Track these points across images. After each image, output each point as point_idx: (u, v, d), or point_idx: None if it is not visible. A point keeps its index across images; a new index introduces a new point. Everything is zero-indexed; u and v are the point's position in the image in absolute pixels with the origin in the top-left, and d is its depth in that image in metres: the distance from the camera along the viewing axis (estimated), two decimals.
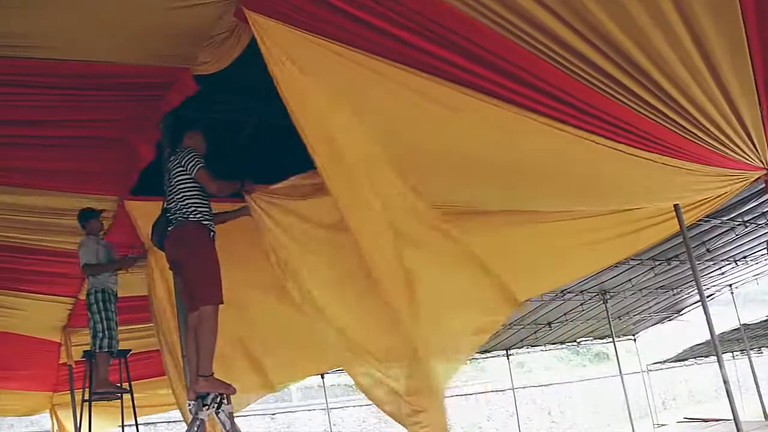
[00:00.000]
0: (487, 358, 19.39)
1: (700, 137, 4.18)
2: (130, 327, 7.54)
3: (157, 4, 3.58)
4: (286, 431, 21.60)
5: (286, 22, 3.34)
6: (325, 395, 16.50)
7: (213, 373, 4.26)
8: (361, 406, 23.66)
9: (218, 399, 4.26)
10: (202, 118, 4.93)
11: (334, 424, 18.92)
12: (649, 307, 17.63)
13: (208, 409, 4.22)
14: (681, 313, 19.03)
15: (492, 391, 25.89)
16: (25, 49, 3.86)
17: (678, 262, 12.82)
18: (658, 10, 3.04)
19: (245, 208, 4.72)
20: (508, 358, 18.39)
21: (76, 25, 3.73)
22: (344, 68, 3.33)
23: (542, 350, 20.00)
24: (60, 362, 9.23)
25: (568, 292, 14.37)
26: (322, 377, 15.34)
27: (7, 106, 4.45)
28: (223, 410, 4.24)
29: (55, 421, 11.03)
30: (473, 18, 3.06)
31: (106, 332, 5.99)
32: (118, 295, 6.29)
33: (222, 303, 4.35)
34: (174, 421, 19.55)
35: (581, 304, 15.32)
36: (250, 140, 5.59)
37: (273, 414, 21.78)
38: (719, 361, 6.42)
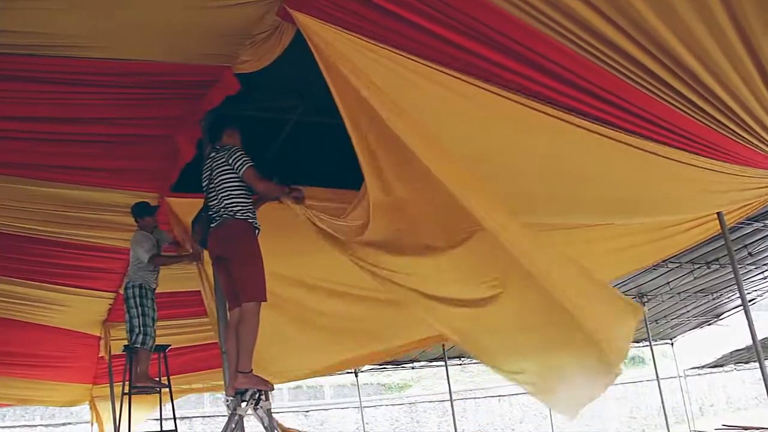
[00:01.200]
0: None
1: (746, 139, 4.12)
2: (170, 323, 7.67)
3: (201, 4, 3.63)
4: (319, 428, 21.69)
5: (329, 21, 3.36)
6: (359, 393, 16.52)
7: (252, 370, 4.29)
8: (394, 405, 23.68)
9: (257, 395, 4.29)
10: (241, 116, 4.98)
11: (366, 423, 18.95)
12: (688, 311, 17.34)
13: (246, 405, 4.25)
14: (720, 317, 18.68)
15: (526, 393, 25.65)
16: (71, 49, 3.94)
17: (718, 266, 12.59)
18: (708, 12, 3.00)
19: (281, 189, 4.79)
20: None
21: (122, 24, 3.79)
22: (384, 68, 3.33)
23: None
24: (99, 356, 9.37)
25: None
26: (356, 375, 15.38)
27: (53, 105, 4.55)
28: (261, 406, 4.26)
29: (94, 412, 11.20)
30: (523, 20, 3.03)
31: (142, 328, 6.00)
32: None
33: (265, 300, 4.38)
34: (209, 416, 19.77)
35: None
36: (289, 138, 5.63)
37: (307, 411, 21.88)
38: (761, 367, 6.30)
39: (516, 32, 3.17)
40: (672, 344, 20.07)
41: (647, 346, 16.13)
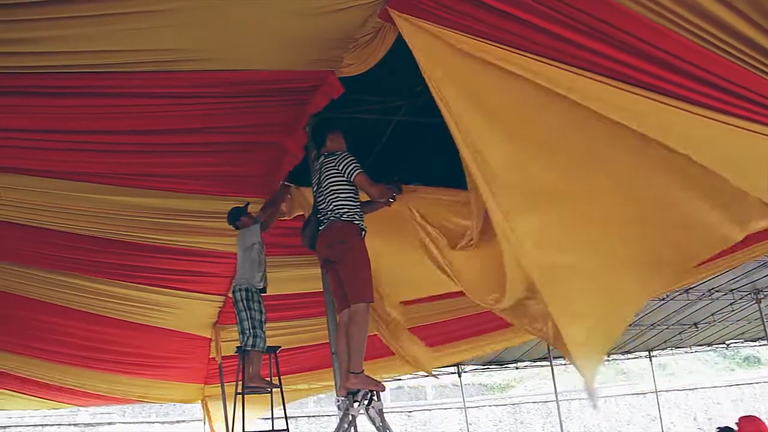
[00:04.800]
0: (629, 359, 18.67)
1: None
2: (279, 324, 7.84)
3: (306, 11, 3.69)
4: (422, 428, 21.73)
5: (434, 21, 3.34)
6: (462, 394, 16.41)
7: (363, 370, 4.34)
8: (497, 405, 23.44)
9: (368, 396, 4.33)
10: (344, 119, 5.04)
11: (469, 423, 18.85)
12: None
13: (358, 406, 4.30)
14: None
15: (633, 394, 24.93)
16: (180, 63, 4.09)
17: None
18: None
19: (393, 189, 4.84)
20: (650, 360, 17.64)
21: (230, 36, 3.91)
22: (495, 68, 3.27)
23: (686, 352, 19.02)
24: (210, 357, 9.66)
25: (717, 291, 13.60)
26: (459, 375, 15.31)
27: (162, 117, 4.75)
28: (373, 406, 4.30)
29: (206, 410, 11.57)
30: (642, 15, 2.91)
31: (251, 330, 6.09)
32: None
33: (372, 301, 4.43)
34: (314, 416, 20.14)
35: (731, 304, 14.43)
36: (391, 139, 5.66)
37: (410, 412, 21.97)
38: None
39: (626, 23, 3.05)
40: None
41: (764, 345, 15.34)
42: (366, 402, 4.32)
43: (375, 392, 4.39)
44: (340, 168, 4.57)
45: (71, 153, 5.06)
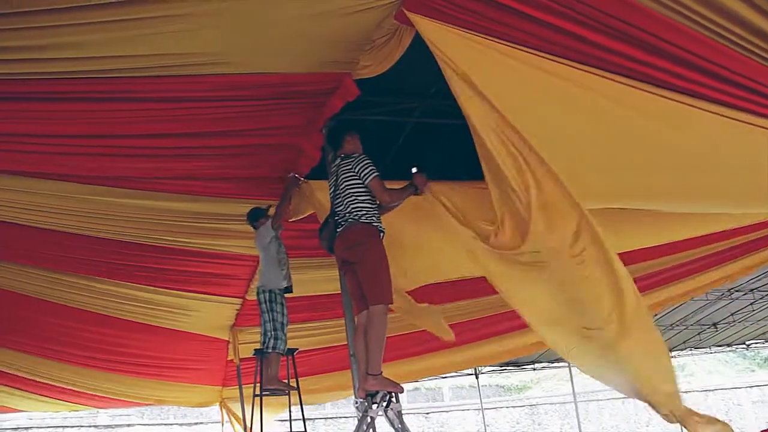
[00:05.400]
0: None
1: None
2: (297, 326, 7.84)
3: (322, 14, 3.69)
4: (439, 430, 21.69)
5: (449, 22, 3.33)
6: (480, 395, 16.38)
7: (382, 372, 4.33)
8: (514, 407, 23.35)
9: (387, 397, 4.33)
10: (361, 121, 5.04)
11: (486, 425, 18.81)
12: None
13: (377, 407, 4.30)
14: None
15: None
16: (200, 67, 4.11)
17: None
18: None
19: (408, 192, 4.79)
20: None
21: (249, 40, 3.93)
22: (513, 69, 3.26)
23: (706, 353, 18.85)
24: (228, 359, 9.68)
25: (736, 291, 13.48)
26: (477, 377, 15.27)
27: (182, 120, 4.77)
28: (391, 408, 4.30)
29: (224, 413, 11.59)
30: (661, 13, 2.89)
31: (272, 333, 6.12)
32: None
33: (391, 302, 4.42)
34: (331, 418, 20.14)
35: (751, 304, 14.31)
36: (408, 140, 5.66)
37: (427, 413, 21.94)
38: None
39: (645, 21, 3.03)
40: None
41: None
42: (384, 404, 4.31)
43: (394, 394, 4.38)
44: (356, 170, 4.57)
45: (88, 158, 5.11)
